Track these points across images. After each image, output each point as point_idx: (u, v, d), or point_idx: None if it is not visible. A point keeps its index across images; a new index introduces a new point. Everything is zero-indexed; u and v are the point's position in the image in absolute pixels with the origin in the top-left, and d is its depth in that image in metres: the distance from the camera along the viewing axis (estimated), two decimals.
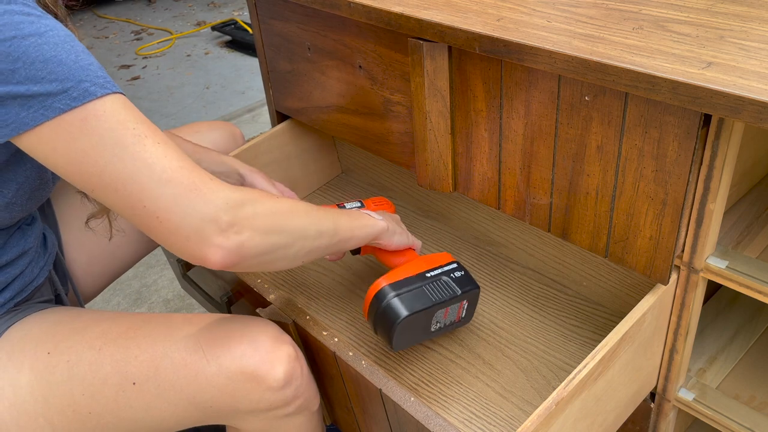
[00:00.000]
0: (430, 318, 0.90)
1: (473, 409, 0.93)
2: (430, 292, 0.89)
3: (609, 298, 1.04)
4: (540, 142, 0.82)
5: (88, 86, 0.65)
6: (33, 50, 0.63)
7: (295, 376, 0.79)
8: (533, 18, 0.78)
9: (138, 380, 0.76)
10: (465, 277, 0.94)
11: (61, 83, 0.64)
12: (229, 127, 1.23)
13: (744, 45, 0.66)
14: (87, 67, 0.66)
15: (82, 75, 0.65)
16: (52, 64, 0.64)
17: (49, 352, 0.78)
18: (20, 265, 0.84)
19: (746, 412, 0.84)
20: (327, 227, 0.80)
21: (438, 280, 0.91)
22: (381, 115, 1.02)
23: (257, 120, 2.50)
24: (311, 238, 0.77)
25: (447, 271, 0.93)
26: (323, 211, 0.81)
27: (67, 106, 0.64)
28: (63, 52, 0.65)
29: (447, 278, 0.92)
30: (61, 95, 0.64)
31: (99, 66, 0.67)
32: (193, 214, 0.66)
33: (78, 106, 0.64)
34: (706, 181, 0.70)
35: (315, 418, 0.88)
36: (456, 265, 0.95)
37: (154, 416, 0.78)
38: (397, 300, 0.87)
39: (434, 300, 0.89)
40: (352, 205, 1.07)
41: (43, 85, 0.63)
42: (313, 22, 1.05)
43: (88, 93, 0.65)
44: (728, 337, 0.95)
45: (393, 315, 0.86)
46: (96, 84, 0.65)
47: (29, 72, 0.63)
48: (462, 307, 0.94)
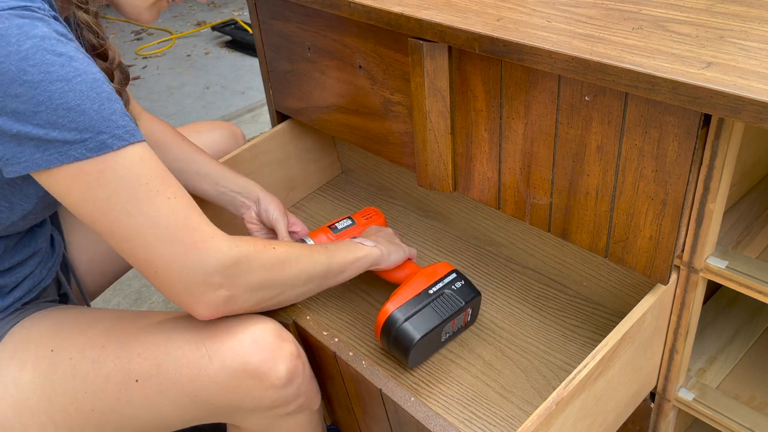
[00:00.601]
0: (440, 332, 0.95)
1: (473, 409, 0.93)
2: (436, 309, 0.94)
3: (609, 298, 1.04)
4: (540, 142, 0.82)
5: (106, 138, 0.66)
6: (58, 96, 0.63)
7: (297, 374, 0.79)
8: (533, 18, 0.78)
9: (140, 377, 0.76)
10: (465, 286, 0.98)
11: (80, 133, 0.64)
12: (230, 127, 1.24)
13: (744, 45, 0.66)
14: (109, 117, 0.66)
15: (103, 126, 0.65)
16: (74, 113, 0.64)
17: (53, 349, 0.78)
18: (30, 266, 0.85)
19: (746, 412, 0.84)
20: (319, 271, 0.85)
21: (441, 295, 0.95)
22: (381, 115, 1.02)
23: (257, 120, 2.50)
24: (300, 286, 0.83)
25: (448, 284, 0.97)
26: (317, 252, 0.85)
27: (83, 155, 0.65)
28: (87, 101, 0.64)
29: (450, 291, 0.96)
30: (78, 144, 0.65)
31: (123, 113, 0.68)
32: (188, 273, 0.71)
33: (93, 156, 0.65)
34: (706, 181, 0.70)
35: (316, 417, 0.88)
36: (455, 274, 0.99)
37: (157, 413, 0.78)
38: (408, 324, 0.91)
39: (442, 317, 0.94)
40: (344, 224, 1.11)
41: (62, 132, 0.64)
42: (313, 22, 1.05)
43: (105, 145, 0.66)
44: (728, 337, 0.95)
45: (407, 339, 0.91)
46: (115, 136, 0.66)
47: (51, 117, 0.63)
48: (467, 314, 0.99)
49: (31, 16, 0.63)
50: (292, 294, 0.83)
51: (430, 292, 0.95)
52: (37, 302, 0.87)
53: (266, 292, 0.79)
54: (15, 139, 0.63)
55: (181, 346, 0.77)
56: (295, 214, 1.33)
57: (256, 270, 0.76)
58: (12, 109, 0.62)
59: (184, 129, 1.19)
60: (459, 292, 0.97)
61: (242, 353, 0.76)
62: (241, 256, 0.74)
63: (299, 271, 0.82)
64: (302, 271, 0.82)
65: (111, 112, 0.66)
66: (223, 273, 0.73)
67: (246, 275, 0.75)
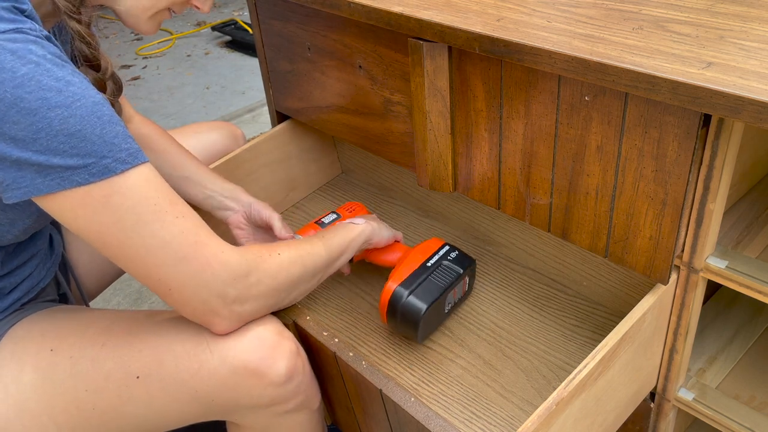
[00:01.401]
0: (443, 302, 0.98)
1: (473, 409, 0.93)
2: (437, 279, 0.97)
3: (609, 298, 1.04)
4: (540, 142, 0.82)
5: (110, 162, 0.65)
6: (58, 123, 0.62)
7: (297, 371, 0.79)
8: (533, 18, 0.78)
9: (141, 374, 0.76)
10: (460, 255, 1.03)
11: (83, 158, 0.63)
12: (230, 128, 1.24)
13: (744, 45, 0.66)
14: (111, 141, 0.65)
15: (105, 151, 0.64)
16: (75, 139, 0.63)
17: (52, 349, 0.78)
18: (29, 267, 0.85)
19: (746, 412, 0.84)
20: (321, 263, 0.86)
21: (440, 266, 0.99)
22: (381, 115, 1.02)
23: (257, 120, 2.50)
24: (307, 281, 0.85)
25: (443, 255, 1.01)
26: (315, 245, 0.87)
27: (86, 180, 0.64)
28: (89, 126, 0.63)
29: (447, 262, 1.00)
30: (81, 170, 0.64)
31: (125, 136, 0.67)
32: (203, 289, 0.72)
33: (96, 181, 0.64)
34: (706, 181, 0.70)
35: (315, 416, 0.88)
36: (448, 247, 1.03)
37: (157, 411, 0.78)
38: (413, 297, 0.94)
39: (443, 285, 0.97)
40: (330, 218, 1.13)
41: (64, 158, 0.63)
42: (313, 22, 1.05)
43: (108, 169, 0.65)
44: (728, 337, 0.95)
45: (414, 311, 0.93)
46: (118, 159, 0.65)
47: (51, 144, 0.62)
48: (465, 283, 1.03)
49: (25, 39, 0.62)
50: (302, 290, 0.85)
51: (428, 265, 0.98)
52: (36, 302, 0.87)
53: (278, 296, 0.80)
54: (15, 165, 0.62)
55: (181, 343, 0.77)
56: (296, 214, 1.33)
57: (267, 278, 0.77)
58: (11, 135, 0.61)
59: (184, 129, 1.19)
60: (455, 261, 1.00)
61: (243, 350, 0.76)
62: (251, 267, 0.75)
63: (305, 270, 0.83)
64: (307, 269, 0.84)
65: (113, 135, 0.65)
66: (235, 286, 0.74)
67: (258, 285, 0.76)
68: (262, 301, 0.78)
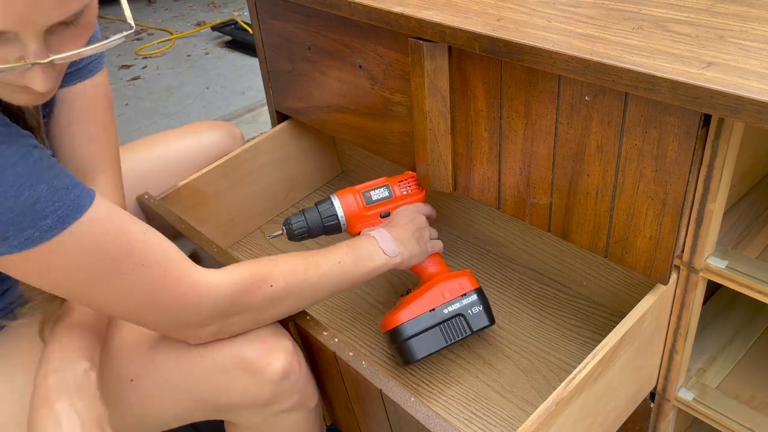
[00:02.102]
0: (442, 350, 0.95)
1: (473, 409, 0.93)
2: (444, 333, 0.93)
3: (609, 298, 1.04)
4: (540, 142, 0.82)
5: (33, 233, 0.59)
6: None
7: (293, 369, 0.79)
8: (533, 18, 0.78)
9: (135, 376, 0.76)
10: (481, 313, 0.95)
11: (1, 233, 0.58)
12: (230, 128, 1.23)
13: (744, 45, 0.66)
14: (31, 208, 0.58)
15: (25, 223, 0.58)
16: None
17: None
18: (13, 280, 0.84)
19: (746, 412, 0.84)
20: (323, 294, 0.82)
21: (454, 318, 0.93)
22: (381, 115, 1.02)
23: (257, 120, 2.50)
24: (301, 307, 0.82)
25: (465, 306, 0.94)
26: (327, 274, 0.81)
27: (7, 251, 0.59)
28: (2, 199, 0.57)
29: (463, 317, 0.94)
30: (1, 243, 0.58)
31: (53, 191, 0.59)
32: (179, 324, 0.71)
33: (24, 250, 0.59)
34: (706, 181, 0.70)
35: (312, 416, 0.88)
36: (475, 296, 0.95)
37: (153, 411, 0.78)
38: (413, 342, 0.92)
39: (447, 341, 0.93)
40: (379, 194, 1.01)
41: None
42: (313, 22, 1.05)
43: (31, 240, 0.59)
44: (728, 337, 0.95)
45: (408, 355, 0.92)
46: (42, 228, 0.59)
47: None
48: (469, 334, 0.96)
49: None
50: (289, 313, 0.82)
51: (445, 312, 0.93)
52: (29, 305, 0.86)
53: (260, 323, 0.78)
54: None
55: (175, 345, 0.77)
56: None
57: (249, 311, 0.75)
58: None
59: (184, 129, 1.19)
60: (473, 319, 0.94)
61: (237, 348, 0.76)
62: (232, 299, 0.72)
63: (298, 301, 0.80)
64: (302, 300, 0.81)
65: (33, 202, 0.58)
66: (213, 318, 0.72)
67: (237, 316, 0.74)
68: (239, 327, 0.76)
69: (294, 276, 0.78)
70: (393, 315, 0.94)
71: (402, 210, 0.98)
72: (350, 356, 0.83)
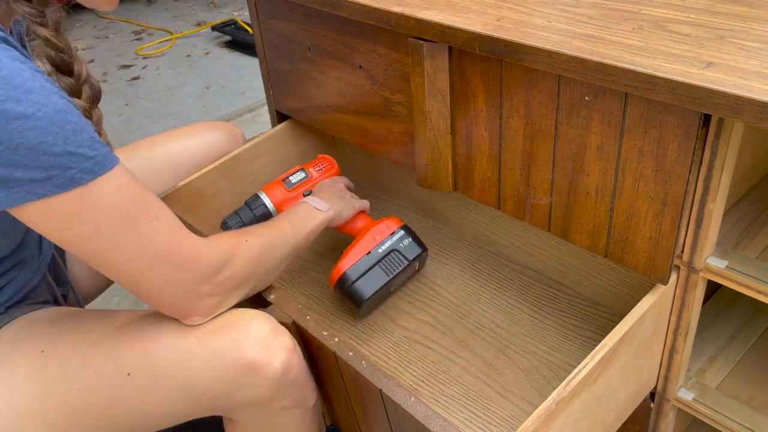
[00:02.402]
0: (388, 287, 1.06)
1: (473, 408, 0.93)
2: (385, 268, 1.04)
3: (609, 298, 1.04)
4: (540, 142, 0.82)
5: (75, 173, 0.62)
6: (17, 136, 0.59)
7: (292, 367, 0.79)
8: (533, 18, 0.78)
9: (133, 371, 0.76)
10: (412, 243, 1.08)
11: (46, 171, 0.61)
12: (230, 128, 1.23)
13: (744, 45, 0.66)
14: (75, 151, 0.62)
15: (69, 162, 0.62)
16: (36, 153, 0.60)
17: (43, 350, 0.78)
18: (15, 270, 0.84)
19: (746, 411, 0.84)
20: (290, 249, 0.91)
21: (389, 254, 1.06)
22: (381, 115, 1.02)
23: (257, 120, 2.50)
24: (277, 267, 0.89)
25: (396, 241, 1.07)
26: (284, 232, 0.90)
27: (50, 192, 0.62)
28: (50, 137, 0.60)
29: (397, 250, 1.06)
30: (45, 182, 0.61)
31: (92, 142, 0.64)
32: (178, 288, 0.74)
33: (62, 192, 0.63)
34: (706, 181, 0.70)
35: (311, 414, 0.88)
36: (403, 231, 1.08)
37: (151, 408, 0.78)
38: (359, 284, 1.02)
39: (390, 275, 1.04)
40: (297, 177, 1.14)
41: (27, 171, 0.60)
42: (313, 22, 1.05)
43: (73, 181, 0.63)
44: (728, 337, 0.95)
45: (358, 296, 1.02)
46: (83, 170, 0.63)
47: (12, 157, 0.59)
48: (414, 268, 1.10)
49: None
50: (272, 277, 0.89)
51: (380, 251, 1.05)
52: (26, 304, 0.86)
53: (249, 285, 0.83)
54: None
55: (174, 340, 0.77)
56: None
57: (238, 270, 0.80)
58: None
59: (184, 130, 1.19)
60: (406, 250, 1.07)
61: (236, 345, 0.76)
62: (224, 261, 0.77)
63: (275, 257, 0.87)
64: (277, 256, 0.88)
65: (77, 145, 0.62)
66: (209, 282, 0.76)
67: (230, 278, 0.78)
68: (233, 292, 0.80)
69: (261, 234, 0.86)
70: (334, 269, 1.03)
71: (321, 183, 1.13)
72: (350, 356, 0.83)
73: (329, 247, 1.25)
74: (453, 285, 1.13)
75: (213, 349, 0.76)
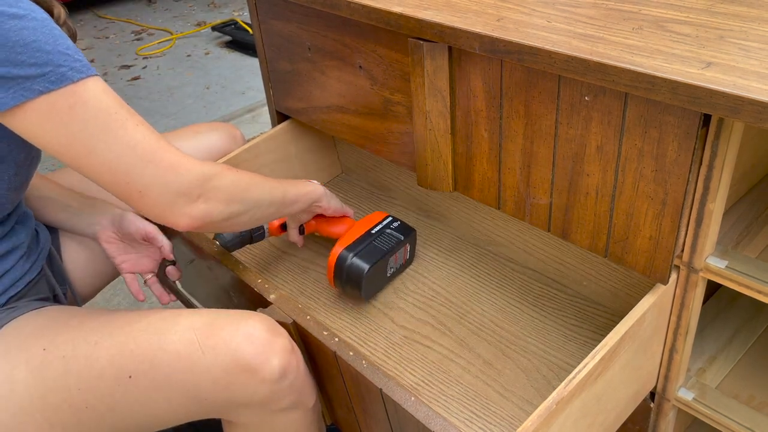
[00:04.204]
0: (386, 265, 1.09)
1: (473, 408, 0.93)
2: (380, 244, 1.08)
3: (609, 297, 1.04)
4: (540, 142, 0.82)
5: (66, 71, 0.68)
6: (14, 34, 0.65)
7: (291, 368, 0.79)
8: (533, 18, 0.78)
9: (134, 373, 0.76)
10: (402, 225, 1.13)
11: (40, 67, 0.67)
12: (229, 129, 1.24)
13: (744, 45, 0.66)
14: (65, 51, 0.68)
15: (61, 60, 0.68)
16: (31, 49, 0.66)
17: (45, 348, 0.78)
18: (11, 260, 0.84)
19: (746, 411, 0.84)
20: (277, 197, 0.93)
21: (382, 234, 1.10)
22: (381, 115, 1.02)
23: (257, 120, 2.50)
24: (264, 207, 0.90)
25: (386, 225, 1.12)
26: (275, 182, 0.93)
27: (46, 88, 0.67)
28: (42, 36, 0.67)
29: (389, 230, 1.11)
30: (40, 78, 0.67)
31: (76, 50, 0.70)
32: (170, 189, 0.76)
33: (56, 89, 0.68)
34: (706, 181, 0.70)
35: (311, 414, 0.88)
36: (391, 218, 1.14)
37: (151, 409, 0.78)
38: (356, 258, 1.05)
39: (385, 249, 1.08)
40: None
41: (23, 68, 0.66)
42: (313, 22, 1.06)
43: (65, 77, 0.68)
44: (728, 337, 0.95)
45: (357, 271, 1.04)
46: (74, 69, 0.69)
47: (9, 55, 0.65)
48: (406, 251, 1.14)
49: None
50: (257, 214, 0.89)
51: (372, 232, 1.10)
52: (26, 299, 0.87)
53: (238, 207, 0.84)
54: None
55: (173, 342, 0.77)
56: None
57: (228, 184, 0.82)
58: None
59: (184, 130, 1.19)
60: (397, 230, 1.12)
61: (235, 347, 0.76)
62: (214, 172, 0.80)
63: (262, 193, 0.89)
64: (264, 194, 0.90)
65: (66, 47, 0.69)
66: (200, 186, 0.78)
67: (220, 188, 0.80)
68: (222, 205, 0.81)
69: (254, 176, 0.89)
70: (329, 257, 1.06)
71: None
72: (350, 356, 0.83)
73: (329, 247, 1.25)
74: (453, 285, 1.13)
75: (213, 352, 0.76)
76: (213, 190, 0.79)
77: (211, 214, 0.80)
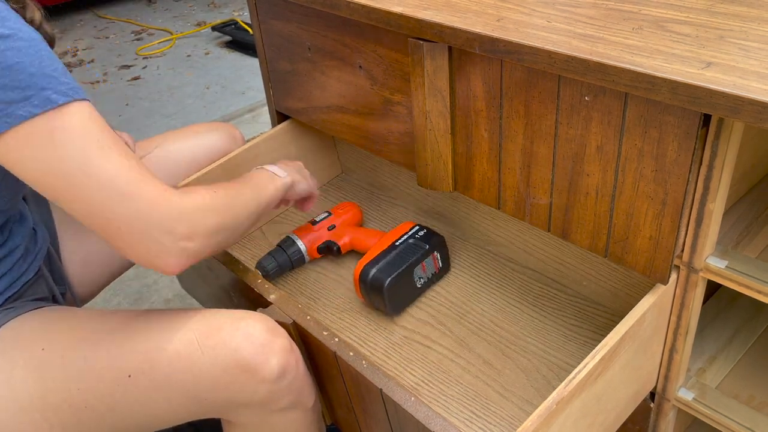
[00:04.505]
0: (411, 276, 1.07)
1: (473, 408, 0.93)
2: (402, 255, 1.07)
3: (609, 297, 1.04)
4: (540, 142, 0.82)
5: (50, 94, 0.65)
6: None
7: (290, 368, 0.79)
8: (533, 18, 0.78)
9: (133, 373, 0.76)
10: (427, 233, 1.11)
11: (23, 91, 0.64)
12: (229, 129, 1.24)
13: (744, 45, 0.66)
14: (50, 74, 0.66)
15: (45, 83, 0.65)
16: (14, 72, 0.63)
17: (44, 348, 0.78)
18: (7, 264, 0.84)
19: (746, 411, 0.84)
20: (253, 207, 0.90)
21: (405, 244, 1.09)
22: (381, 115, 1.02)
23: (257, 120, 2.50)
24: (244, 223, 0.87)
25: (411, 235, 1.11)
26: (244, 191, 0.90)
27: (29, 113, 0.64)
28: (26, 58, 0.64)
29: (412, 240, 1.10)
30: (23, 102, 0.64)
31: (64, 71, 0.68)
32: (151, 227, 0.71)
33: (39, 114, 0.65)
34: (706, 181, 0.70)
35: (310, 414, 0.88)
36: (418, 227, 1.12)
37: (150, 409, 0.79)
38: (376, 272, 1.04)
39: (408, 260, 1.06)
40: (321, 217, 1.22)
41: (5, 92, 0.63)
42: (313, 22, 1.06)
43: (49, 101, 0.65)
44: (728, 337, 0.95)
45: (378, 284, 1.03)
46: (58, 92, 0.66)
47: None
48: (436, 258, 1.11)
49: None
50: (239, 232, 0.86)
51: (396, 244, 1.09)
52: (24, 300, 0.87)
53: (221, 234, 0.81)
54: None
55: (173, 342, 0.77)
56: (295, 214, 1.33)
57: (211, 215, 0.78)
58: None
59: (184, 131, 1.19)
60: (422, 239, 1.10)
61: (234, 347, 0.76)
62: (196, 205, 0.76)
63: (241, 210, 0.86)
64: (243, 210, 0.87)
65: (52, 69, 0.66)
66: (185, 222, 0.74)
67: (204, 221, 0.76)
68: (208, 239, 0.77)
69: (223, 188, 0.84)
70: (355, 272, 1.06)
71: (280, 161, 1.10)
72: (350, 356, 0.83)
73: None
74: (453, 285, 1.13)
75: (212, 352, 0.76)
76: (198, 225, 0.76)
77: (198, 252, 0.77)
